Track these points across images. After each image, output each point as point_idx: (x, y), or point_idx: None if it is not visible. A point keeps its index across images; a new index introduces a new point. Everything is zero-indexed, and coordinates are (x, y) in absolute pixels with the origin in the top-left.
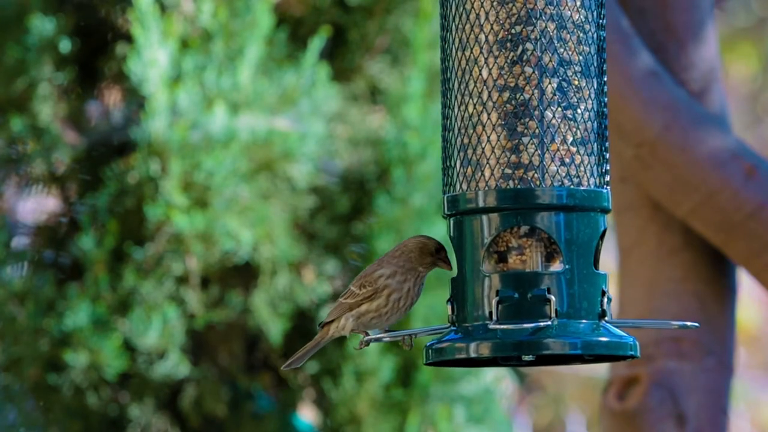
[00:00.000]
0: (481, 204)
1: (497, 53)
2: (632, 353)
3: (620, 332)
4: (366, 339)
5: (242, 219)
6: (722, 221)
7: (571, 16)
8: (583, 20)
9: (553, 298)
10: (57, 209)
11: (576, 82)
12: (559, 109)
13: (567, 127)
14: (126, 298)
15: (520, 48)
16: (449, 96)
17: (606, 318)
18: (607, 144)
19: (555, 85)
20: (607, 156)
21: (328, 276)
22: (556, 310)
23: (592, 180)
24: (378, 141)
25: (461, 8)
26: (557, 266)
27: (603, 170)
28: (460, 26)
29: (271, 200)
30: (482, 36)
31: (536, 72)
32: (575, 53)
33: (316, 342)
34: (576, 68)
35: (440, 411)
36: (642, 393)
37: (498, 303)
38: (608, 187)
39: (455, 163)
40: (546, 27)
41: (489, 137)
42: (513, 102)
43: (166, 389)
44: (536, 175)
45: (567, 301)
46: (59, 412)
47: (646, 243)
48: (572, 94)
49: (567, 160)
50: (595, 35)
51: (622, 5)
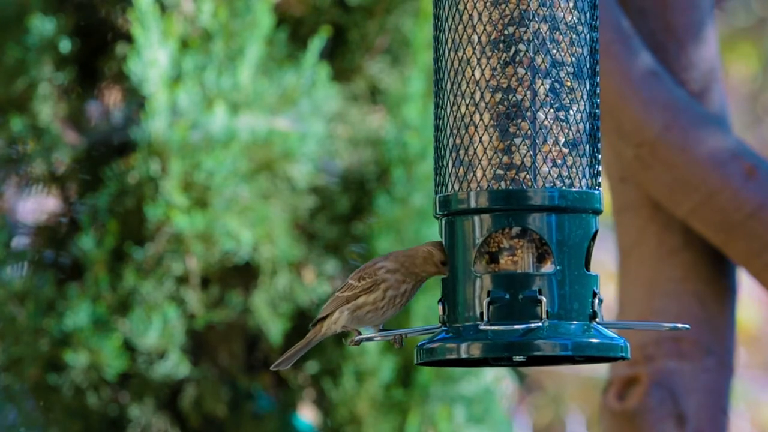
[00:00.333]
0: (473, 204)
1: (490, 54)
2: (623, 355)
3: (611, 334)
4: (358, 338)
5: (242, 219)
6: (722, 221)
7: (564, 18)
8: (576, 22)
9: (544, 300)
10: (57, 209)
11: (568, 84)
12: (552, 111)
13: (559, 129)
14: (126, 298)
15: (513, 49)
16: (442, 96)
17: (597, 319)
18: (600, 145)
19: (547, 87)
20: (599, 157)
21: (328, 276)
22: (547, 312)
23: (584, 181)
24: (378, 141)
25: (454, 9)
26: (548, 267)
27: (595, 171)
28: (453, 27)
29: (271, 200)
30: (475, 37)
31: (529, 73)
32: (568, 54)
33: (308, 341)
34: (569, 69)
35: (440, 411)
36: (642, 393)
37: (489, 304)
38: (600, 189)
39: (447, 164)
40: (539, 28)
41: (481, 138)
42: (505, 103)
43: (166, 389)
44: (528, 176)
45: (558, 303)
46: (59, 412)
47: (646, 243)
48: (565, 96)
49: (559, 162)
50: (588, 37)
51: (622, 5)
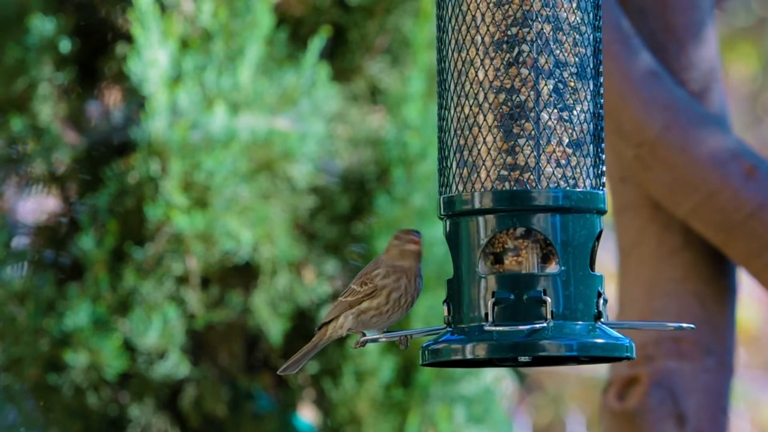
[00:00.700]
0: (477, 205)
1: (493, 55)
2: (628, 355)
3: (616, 334)
4: (362, 339)
5: (242, 219)
6: (722, 221)
7: (567, 18)
8: (579, 22)
9: (549, 300)
10: (57, 209)
11: (572, 84)
12: (555, 111)
13: (563, 129)
14: (126, 298)
15: (516, 49)
16: (445, 97)
17: (602, 319)
18: (603, 145)
19: (551, 87)
20: (603, 157)
21: (328, 276)
22: (552, 312)
23: (588, 181)
24: (378, 141)
25: (457, 9)
26: (553, 268)
27: (599, 172)
28: (457, 27)
29: (271, 200)
30: (478, 37)
31: (532, 73)
32: (571, 55)
33: (314, 344)
34: (572, 70)
35: (440, 411)
36: (642, 393)
37: (494, 304)
38: (604, 189)
39: (451, 164)
40: (542, 29)
41: (485, 139)
42: (509, 103)
43: (166, 389)
44: (532, 177)
45: (563, 303)
46: (59, 412)
47: (646, 243)
48: (568, 96)
49: (563, 162)
50: (591, 37)
51: (622, 5)
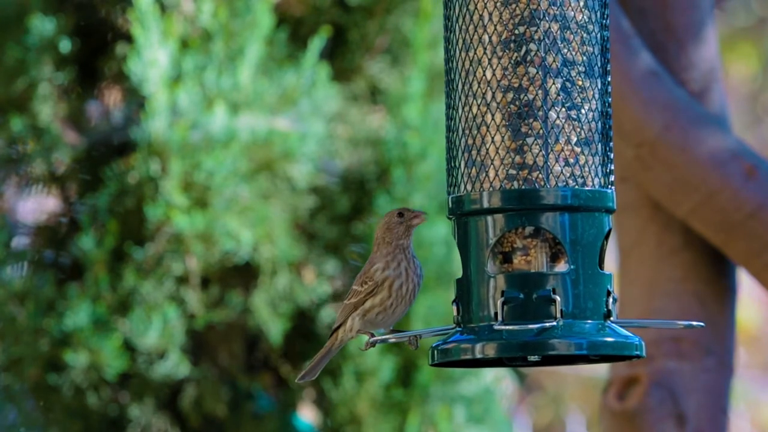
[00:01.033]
0: (486, 205)
1: (501, 54)
2: (638, 353)
3: (626, 332)
4: (372, 340)
5: (242, 219)
6: (722, 221)
7: (575, 17)
8: (587, 20)
9: (558, 299)
10: (57, 209)
11: (580, 83)
12: (563, 110)
13: (571, 128)
14: (126, 298)
15: (524, 48)
16: (453, 97)
17: (611, 318)
18: (612, 144)
19: (559, 86)
20: (612, 156)
21: (328, 276)
22: (562, 311)
23: (597, 180)
24: (378, 141)
25: (465, 9)
26: (562, 266)
27: (607, 170)
28: (464, 27)
29: (271, 200)
30: (486, 37)
31: (540, 72)
32: (579, 53)
33: (327, 350)
34: (580, 68)
35: (440, 411)
36: (642, 393)
37: (503, 304)
38: (613, 187)
39: (459, 164)
40: (549, 27)
41: (493, 138)
42: (517, 103)
43: (166, 389)
44: (541, 176)
45: (572, 302)
46: (59, 412)
47: (646, 243)
48: (576, 95)
49: (571, 161)
50: (599, 35)
51: (622, 5)
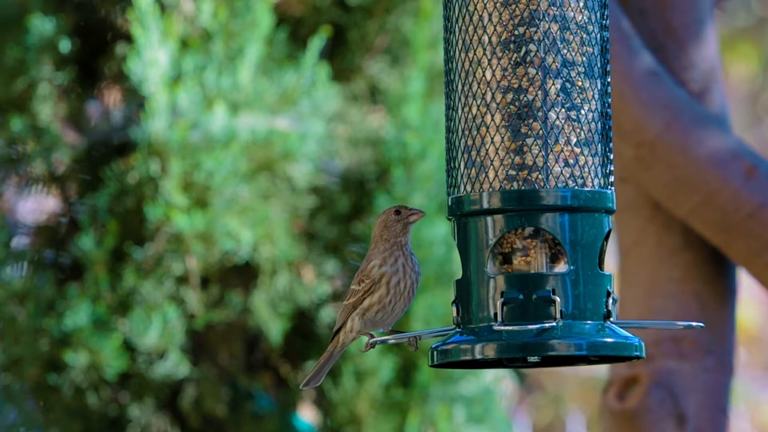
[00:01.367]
0: (486, 205)
1: (501, 54)
2: (638, 354)
3: (626, 333)
4: (371, 341)
5: (242, 219)
6: (722, 221)
7: (575, 17)
8: (587, 21)
9: (558, 299)
10: (57, 209)
11: (580, 83)
12: (563, 110)
13: (571, 128)
14: (126, 298)
15: (524, 49)
16: (453, 97)
17: (611, 319)
18: (611, 145)
19: (558, 86)
20: (612, 157)
21: (328, 276)
22: (561, 311)
23: (597, 181)
24: (378, 141)
25: (464, 10)
26: (562, 267)
27: (607, 171)
28: (464, 28)
29: (271, 200)
30: (485, 37)
31: (540, 73)
32: (579, 54)
33: (329, 353)
34: (579, 69)
35: (440, 411)
36: (642, 393)
37: (503, 304)
38: (613, 188)
39: (459, 165)
40: (549, 28)
41: (493, 139)
42: (517, 103)
43: (166, 389)
44: (540, 177)
45: (572, 302)
46: (59, 412)
47: (646, 243)
48: (576, 95)
49: (571, 161)
50: (599, 36)
51: (622, 5)
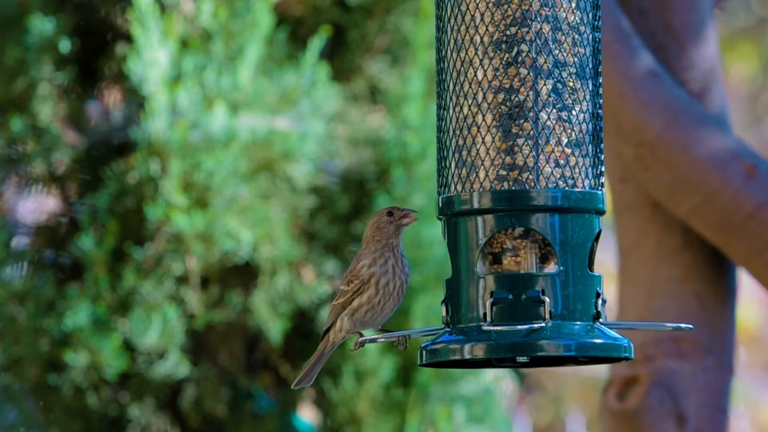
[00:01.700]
0: (476, 205)
1: (492, 54)
2: (626, 355)
3: (614, 334)
4: (361, 340)
5: (242, 219)
6: (722, 221)
7: (566, 18)
8: (579, 22)
9: (548, 300)
10: (57, 209)
11: (571, 84)
12: (554, 111)
13: (562, 129)
14: (126, 298)
15: (515, 49)
16: (444, 97)
17: (600, 320)
18: (602, 146)
19: (550, 87)
20: (602, 158)
21: (328, 276)
22: (551, 312)
23: (587, 182)
24: (378, 141)
25: (456, 9)
26: (552, 268)
27: (598, 172)
28: (456, 27)
29: (271, 200)
30: (477, 37)
31: (531, 73)
32: (570, 55)
33: (320, 353)
34: (571, 70)
35: (440, 411)
36: (642, 393)
37: (492, 304)
38: (603, 189)
39: (450, 164)
40: (541, 28)
41: (484, 138)
42: (508, 103)
43: (166, 389)
44: (531, 177)
45: (561, 303)
46: (59, 412)
47: (646, 243)
48: (567, 96)
49: (562, 162)
50: (590, 37)
51: (622, 5)
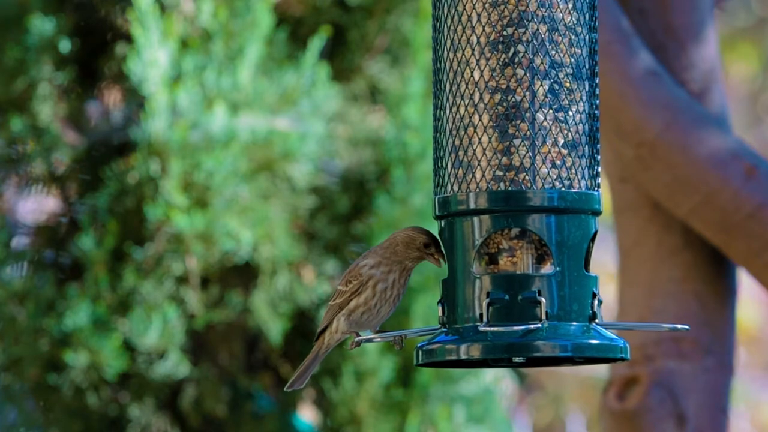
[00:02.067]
0: (472, 206)
1: (489, 55)
2: (622, 356)
3: (611, 335)
4: (357, 339)
5: (242, 219)
6: (722, 221)
7: (563, 19)
8: (575, 22)
9: (544, 300)
10: (57, 209)
11: (568, 85)
12: (551, 112)
13: (558, 130)
14: (126, 298)
15: (512, 50)
16: (441, 97)
17: (596, 320)
18: (599, 146)
19: (546, 88)
20: (599, 158)
21: (328, 276)
22: (547, 312)
23: (583, 182)
24: (378, 141)
25: (453, 10)
26: (548, 268)
27: (594, 172)
28: (452, 27)
29: (271, 200)
30: (474, 38)
31: (528, 74)
32: (567, 55)
33: (314, 355)
34: (568, 70)
35: (440, 411)
36: (642, 393)
37: (488, 305)
38: (599, 190)
39: (446, 165)
40: (538, 29)
41: (480, 139)
42: (504, 104)
43: (166, 389)
44: (527, 177)
45: (557, 304)
46: (59, 412)
47: (646, 243)
48: (564, 97)
49: (558, 163)
50: (587, 37)
51: (622, 5)
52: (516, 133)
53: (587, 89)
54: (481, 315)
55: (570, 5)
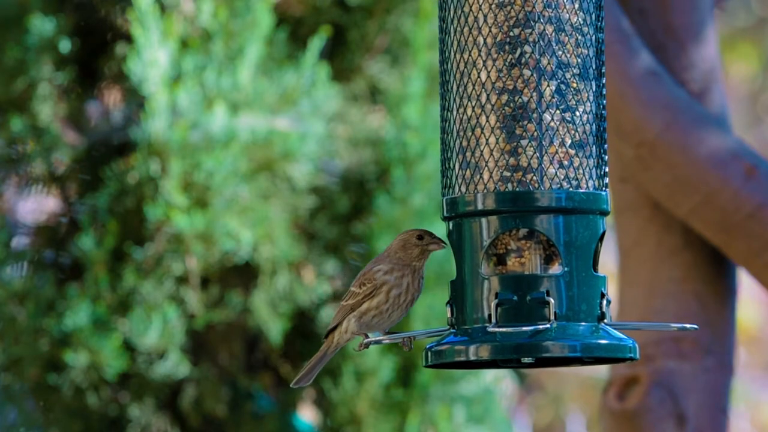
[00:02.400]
0: (480, 206)
1: (496, 56)
2: (631, 355)
3: (619, 334)
4: (366, 341)
5: (242, 219)
6: (722, 221)
7: (570, 19)
8: (582, 23)
9: (552, 301)
10: (57, 209)
11: (574, 85)
12: (558, 112)
13: (565, 130)
14: (126, 298)
15: (519, 51)
16: (448, 98)
17: (605, 320)
18: (606, 146)
19: (553, 88)
20: (606, 158)
21: (328, 276)
22: (555, 313)
23: (591, 182)
24: (378, 141)
25: (460, 11)
26: (556, 269)
27: (602, 172)
28: (459, 29)
29: (271, 200)
30: (480, 39)
31: (535, 75)
32: (573, 56)
33: (323, 353)
34: (574, 71)
35: (440, 411)
36: (642, 393)
37: (497, 306)
38: (607, 190)
39: (454, 166)
40: (544, 30)
41: (488, 140)
42: (511, 105)
43: (166, 389)
44: (535, 178)
45: (566, 304)
46: (59, 412)
47: (646, 243)
48: (571, 97)
49: (566, 163)
50: (594, 38)
51: (622, 5)
52: (523, 134)
53: (594, 89)
54: (490, 316)
55: (576, 5)
